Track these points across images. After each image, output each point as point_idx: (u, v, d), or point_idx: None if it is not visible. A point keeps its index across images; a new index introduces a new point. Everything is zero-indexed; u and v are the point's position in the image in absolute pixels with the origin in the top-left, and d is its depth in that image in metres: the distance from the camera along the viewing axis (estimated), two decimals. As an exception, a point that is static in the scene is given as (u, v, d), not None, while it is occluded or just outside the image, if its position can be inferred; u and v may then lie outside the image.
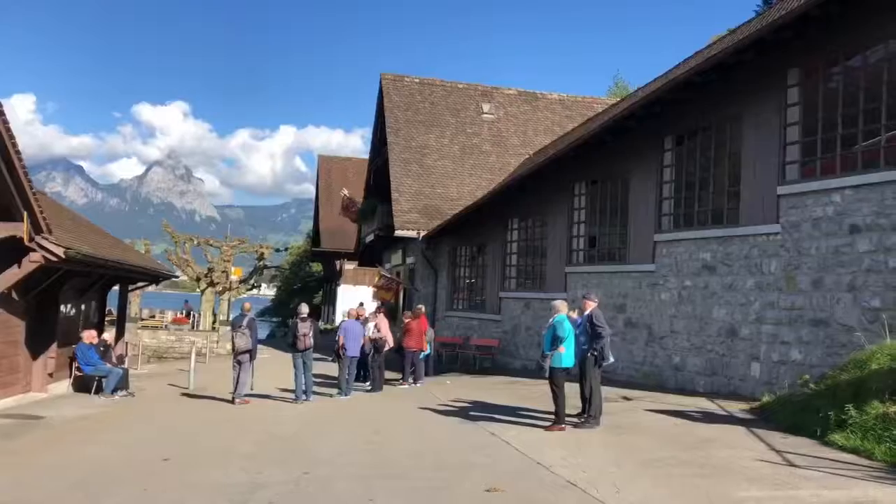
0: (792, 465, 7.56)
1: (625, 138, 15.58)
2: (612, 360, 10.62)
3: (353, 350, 14.87)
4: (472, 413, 11.73)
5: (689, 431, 9.57)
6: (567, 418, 10.07)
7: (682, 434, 9.39)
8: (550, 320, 10.15)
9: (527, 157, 27.09)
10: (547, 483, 7.20)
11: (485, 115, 29.63)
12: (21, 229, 11.44)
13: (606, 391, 11.35)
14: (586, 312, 10.30)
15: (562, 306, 10.28)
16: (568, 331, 9.95)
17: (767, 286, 11.96)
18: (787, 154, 11.93)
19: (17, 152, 10.98)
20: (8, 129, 10.59)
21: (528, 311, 19.72)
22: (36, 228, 11.74)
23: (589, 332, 10.16)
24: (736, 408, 10.97)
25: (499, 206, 20.68)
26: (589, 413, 10.11)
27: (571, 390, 10.34)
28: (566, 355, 9.93)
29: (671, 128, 14.71)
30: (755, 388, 11.87)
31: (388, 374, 16.81)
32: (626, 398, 12.50)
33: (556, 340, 9.90)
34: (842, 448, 7.96)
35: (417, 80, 30.36)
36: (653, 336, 14.72)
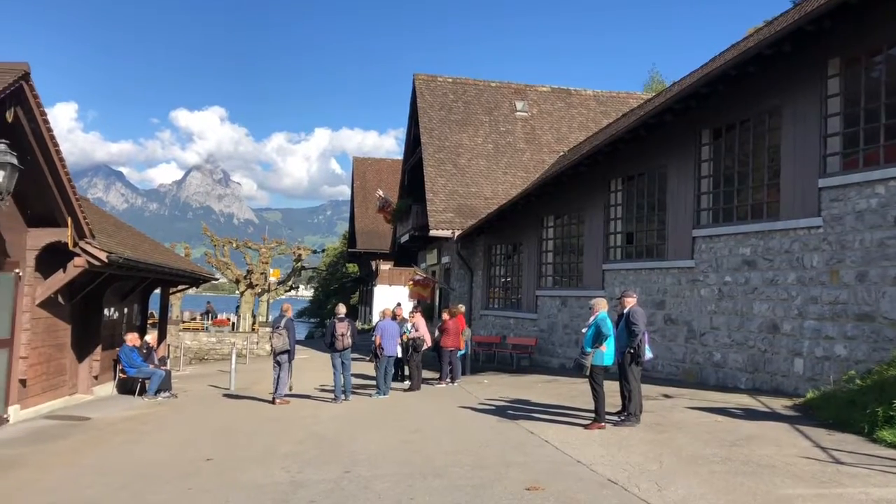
0: (838, 462, 7.41)
1: (661, 133, 15.42)
2: (650, 356, 10.52)
3: (391, 349, 14.95)
4: (510, 412, 11.71)
5: (731, 428, 9.44)
6: (607, 416, 10.00)
7: (724, 431, 9.26)
8: (592, 318, 10.08)
9: (561, 153, 26.96)
10: (587, 481, 7.15)
11: (518, 113, 29.54)
12: (66, 235, 11.71)
13: (646, 389, 11.25)
14: (624, 310, 10.22)
15: (602, 304, 10.20)
16: (611, 328, 9.88)
17: (810, 281, 11.75)
18: (827, 146, 11.70)
19: (61, 160, 11.24)
20: (52, 138, 10.85)
21: (564, 308, 19.62)
22: (80, 234, 12.00)
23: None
24: (779, 404, 10.80)
25: (534, 204, 20.60)
26: (629, 411, 10.03)
27: (611, 388, 10.27)
28: (608, 353, 9.86)
29: (708, 122, 14.53)
30: (798, 384, 11.68)
31: (426, 374, 16.86)
32: (666, 396, 12.37)
33: (598, 338, 9.83)
34: (890, 445, 7.80)
35: (450, 80, 30.39)
36: (693, 333, 14.54)
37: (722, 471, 7.31)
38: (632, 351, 9.91)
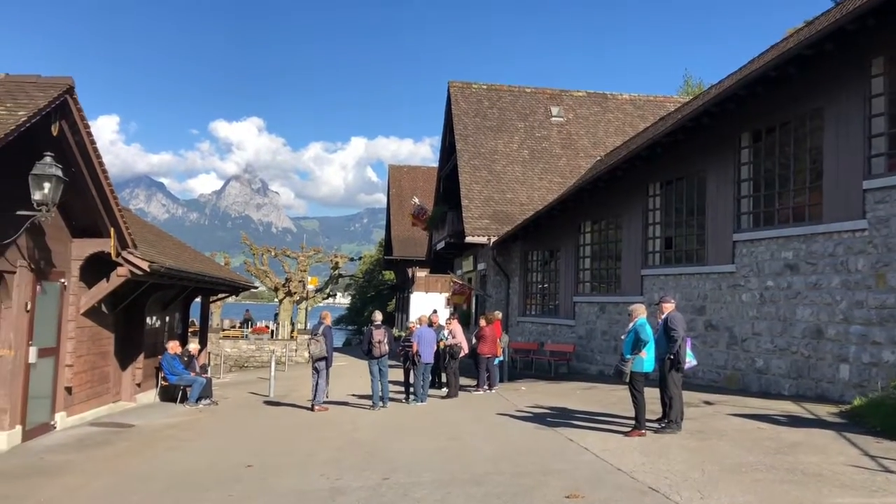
0: (888, 470, 7.22)
1: (699, 136, 15.24)
2: (694, 363, 10.37)
3: (428, 356, 14.96)
4: (548, 419, 11.63)
5: (775, 436, 9.25)
6: (647, 424, 9.88)
7: (767, 439, 9.09)
8: (631, 324, 9.97)
9: (598, 158, 26.78)
10: (627, 489, 7.07)
11: (554, 119, 29.43)
12: (109, 245, 11.94)
13: (688, 396, 11.10)
14: (663, 316, 10.09)
15: (641, 310, 10.09)
16: (650, 335, 9.77)
17: (855, 284, 11.49)
18: (872, 147, 11.45)
19: (104, 171, 11.47)
20: (95, 150, 11.08)
21: (603, 315, 19.45)
22: (122, 244, 12.23)
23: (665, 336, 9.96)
24: (824, 411, 10.57)
25: (570, 210, 20.49)
26: (669, 418, 9.89)
27: (652, 395, 10.15)
28: (648, 359, 9.75)
29: (748, 124, 14.31)
30: (844, 390, 11.41)
31: (463, 381, 16.84)
32: (707, 402, 12.19)
33: (637, 344, 9.73)
34: (942, 453, 7.59)
35: (485, 87, 30.40)
36: (734, 339, 14.31)
37: (766, 479, 7.17)
38: (671, 357, 9.78)
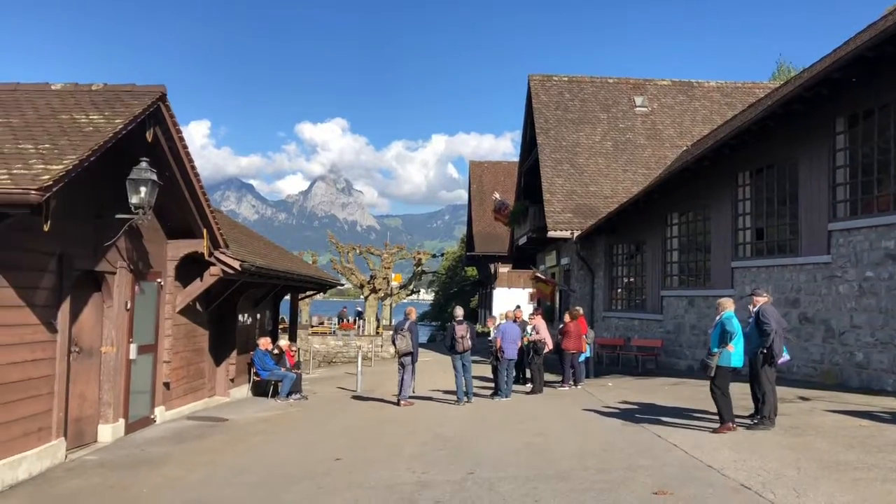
0: None
1: (791, 123, 14.66)
2: (787, 357, 10.01)
3: (511, 352, 14.91)
4: (635, 415, 11.44)
5: (876, 433, 8.84)
6: (739, 420, 9.60)
7: (868, 436, 8.69)
8: (718, 318, 9.72)
9: (684, 148, 26.12)
10: (718, 486, 6.88)
11: (638, 109, 28.85)
12: (202, 245, 12.39)
13: (782, 391, 10.72)
14: (754, 309, 9.78)
15: (728, 303, 9.84)
16: (737, 328, 9.49)
17: (964, 274, 10.84)
18: (981, 127, 10.78)
19: (196, 175, 11.90)
20: (188, 154, 11.51)
21: (692, 309, 18.98)
22: (214, 244, 12.67)
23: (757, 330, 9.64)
24: (932, 408, 10.03)
25: (657, 201, 20.05)
26: (762, 414, 9.58)
27: (742, 391, 9.84)
28: (735, 354, 9.47)
29: (843, 109, 13.68)
30: (954, 386, 10.79)
31: (547, 377, 16.73)
32: (803, 398, 11.74)
33: (724, 337, 9.47)
34: None
35: (566, 79, 30.06)
36: (831, 332, 13.72)
37: (867, 478, 6.86)
38: (764, 351, 9.47)
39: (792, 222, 15.22)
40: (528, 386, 16.15)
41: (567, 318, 17.21)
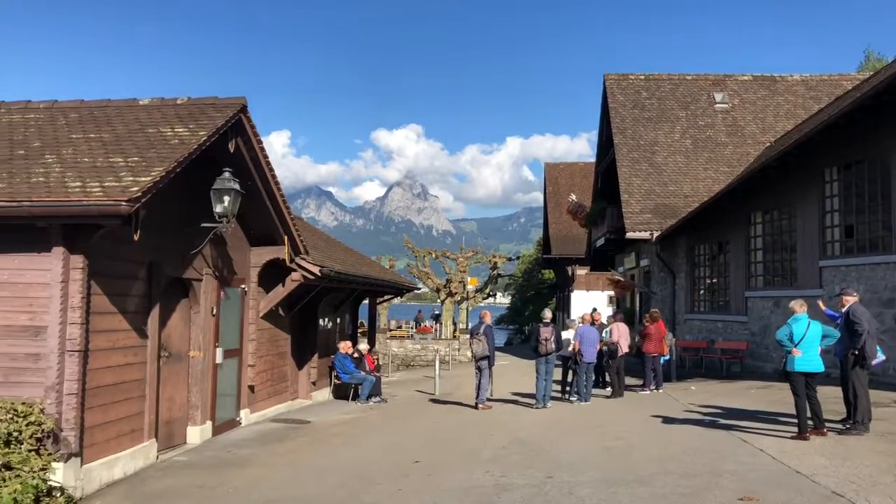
0: None
1: (881, 115, 14.02)
2: (882, 358, 9.56)
3: (590, 356, 14.72)
4: (720, 419, 11.14)
5: (981, 440, 8.37)
6: (829, 425, 9.24)
7: (972, 443, 8.24)
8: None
9: (768, 145, 25.29)
10: (807, 493, 6.64)
11: (717, 105, 28.10)
12: (283, 252, 12.71)
13: (877, 395, 10.27)
14: (844, 309, 9.39)
15: (796, 305, 9.47)
16: (799, 333, 9.11)
17: None
18: None
19: (277, 184, 12.22)
20: (269, 164, 11.83)
21: (777, 310, 18.33)
22: (295, 250, 12.98)
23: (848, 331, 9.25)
24: None
25: (739, 200, 19.47)
26: (855, 419, 9.19)
27: (835, 395, 9.46)
28: (801, 358, 9.07)
29: (938, 97, 13.02)
30: None
31: (628, 380, 16.47)
32: (899, 403, 11.21)
33: (790, 340, 9.15)
34: None
35: (643, 77, 29.54)
36: (929, 333, 13.05)
37: (971, 487, 6.50)
38: (856, 353, 9.08)
39: (885, 218, 14.55)
40: (608, 390, 15.93)
41: (647, 320, 16.90)
